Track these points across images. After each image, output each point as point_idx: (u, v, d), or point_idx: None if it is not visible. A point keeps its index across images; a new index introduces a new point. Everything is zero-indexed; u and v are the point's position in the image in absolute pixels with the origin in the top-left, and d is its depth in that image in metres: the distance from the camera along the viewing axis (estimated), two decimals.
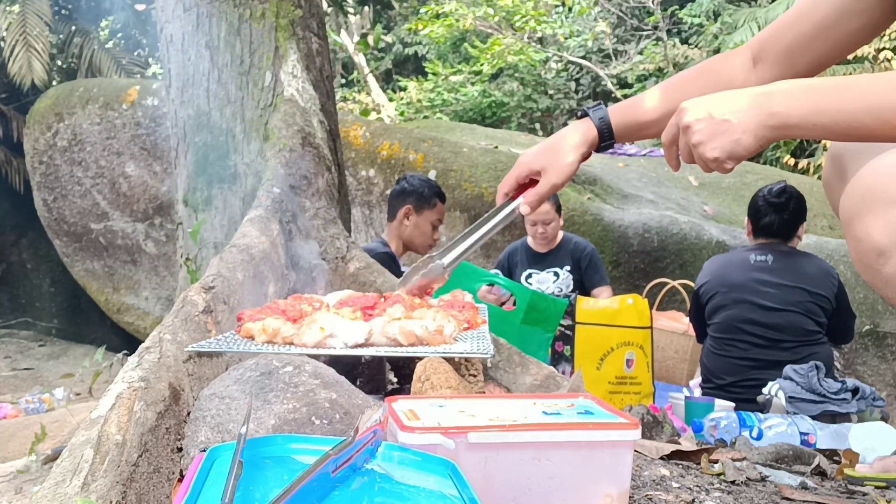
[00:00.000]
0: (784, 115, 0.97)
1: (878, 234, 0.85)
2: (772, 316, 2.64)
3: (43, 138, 5.79)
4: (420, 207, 3.03)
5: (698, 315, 2.86)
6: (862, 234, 0.87)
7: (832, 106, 0.95)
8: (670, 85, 1.34)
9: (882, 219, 0.84)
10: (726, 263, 2.81)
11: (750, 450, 1.63)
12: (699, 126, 1.01)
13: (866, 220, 0.86)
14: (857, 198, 0.89)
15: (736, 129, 0.99)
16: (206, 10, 2.39)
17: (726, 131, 0.99)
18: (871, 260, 0.86)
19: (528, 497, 0.85)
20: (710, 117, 1.01)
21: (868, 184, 0.88)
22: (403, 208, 3.04)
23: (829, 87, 0.97)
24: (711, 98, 1.03)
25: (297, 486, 0.59)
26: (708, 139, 1.01)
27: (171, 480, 0.96)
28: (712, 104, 1.02)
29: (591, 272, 3.49)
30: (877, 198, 0.86)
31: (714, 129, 1.00)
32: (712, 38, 9.83)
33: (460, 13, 10.40)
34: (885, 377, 3.99)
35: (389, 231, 3.08)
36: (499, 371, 1.64)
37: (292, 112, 2.29)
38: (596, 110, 1.33)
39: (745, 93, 1.02)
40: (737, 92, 1.03)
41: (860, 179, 0.90)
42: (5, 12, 7.20)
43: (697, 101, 1.04)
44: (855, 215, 0.88)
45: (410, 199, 3.04)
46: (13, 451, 2.17)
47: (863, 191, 0.89)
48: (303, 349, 1.22)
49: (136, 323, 5.87)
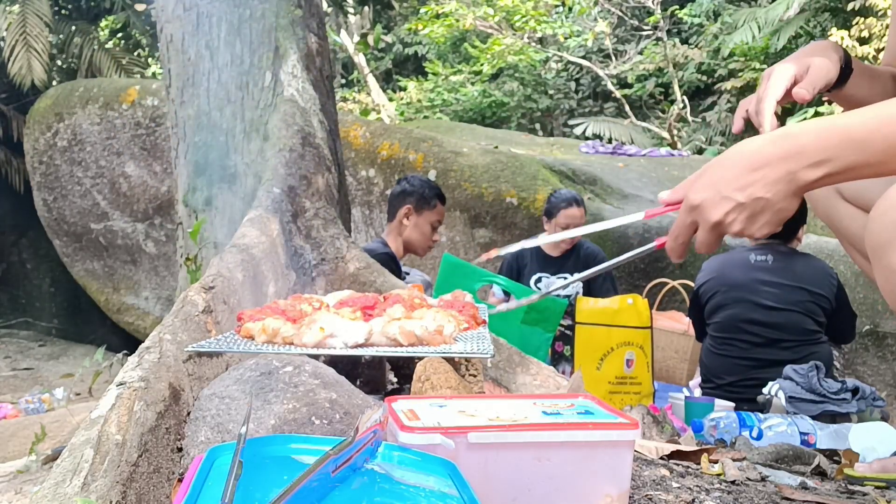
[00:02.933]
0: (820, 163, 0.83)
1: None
2: (772, 315, 2.64)
3: (43, 138, 5.79)
4: (420, 208, 3.02)
5: (698, 314, 2.86)
6: (894, 264, 0.81)
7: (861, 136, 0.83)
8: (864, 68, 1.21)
9: None
10: (726, 263, 2.81)
11: (750, 450, 1.63)
12: (733, 216, 0.88)
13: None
14: (889, 225, 0.82)
15: (770, 199, 0.86)
16: (206, 10, 2.39)
17: (763, 209, 0.86)
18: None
19: (528, 497, 0.85)
20: (738, 204, 0.87)
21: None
22: (403, 208, 3.03)
23: (858, 115, 0.84)
24: (718, 178, 0.89)
25: (297, 486, 0.59)
26: (750, 223, 0.88)
27: (171, 480, 0.96)
28: (728, 186, 0.87)
29: (607, 283, 3.44)
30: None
31: (751, 212, 0.87)
32: (712, 38, 9.83)
33: (460, 13, 10.40)
34: (885, 377, 3.99)
35: (389, 231, 3.07)
36: (499, 371, 1.64)
37: (292, 112, 2.29)
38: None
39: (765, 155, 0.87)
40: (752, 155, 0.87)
41: (888, 207, 0.83)
42: (5, 12, 7.20)
43: (706, 190, 0.90)
44: (887, 244, 0.82)
45: (411, 199, 3.03)
46: (13, 451, 2.17)
47: (892, 220, 0.82)
48: (303, 349, 1.22)
49: (136, 323, 5.87)
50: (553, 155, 5.93)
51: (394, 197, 3.10)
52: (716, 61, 9.80)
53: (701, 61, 9.88)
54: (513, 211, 4.63)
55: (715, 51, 9.78)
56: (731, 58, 9.50)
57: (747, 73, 9.10)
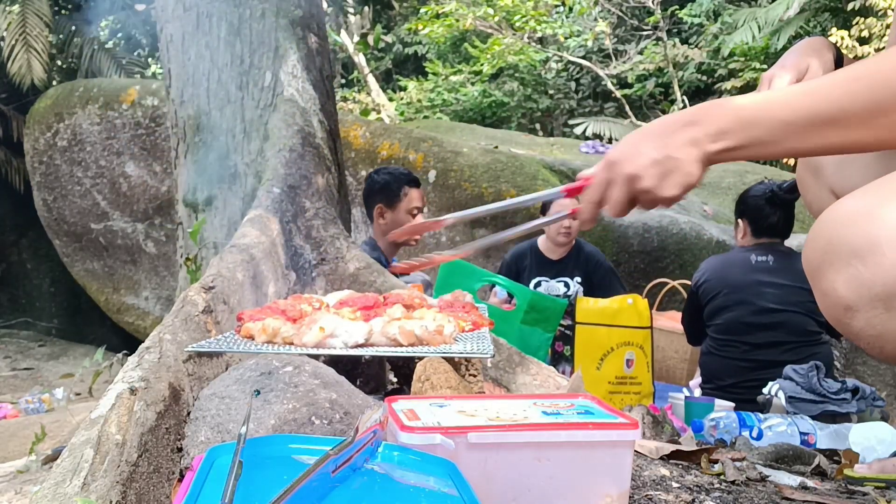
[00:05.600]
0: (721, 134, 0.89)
1: (843, 289, 0.81)
2: (773, 316, 2.63)
3: (43, 138, 5.79)
4: (391, 202, 2.92)
5: (695, 314, 2.85)
6: (828, 288, 0.83)
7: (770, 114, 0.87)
8: None
9: (845, 273, 0.81)
10: (727, 264, 2.80)
11: (750, 450, 1.63)
12: (645, 171, 0.93)
13: (829, 274, 0.82)
14: (819, 250, 0.84)
15: (684, 162, 0.91)
16: (206, 10, 2.39)
17: (675, 168, 0.91)
18: (839, 314, 0.82)
19: (528, 497, 0.85)
20: (653, 161, 0.93)
21: (828, 236, 0.84)
22: (375, 208, 2.94)
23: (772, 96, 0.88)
24: (637, 139, 0.95)
25: (297, 486, 0.59)
26: (660, 180, 0.93)
27: (171, 480, 0.96)
28: (645, 144, 0.94)
29: (616, 285, 3.40)
30: (838, 251, 0.82)
31: (663, 170, 0.92)
32: (712, 38, 9.83)
33: (460, 13, 10.39)
34: (885, 377, 3.99)
35: (374, 233, 3.00)
36: (499, 371, 1.64)
37: (292, 112, 2.29)
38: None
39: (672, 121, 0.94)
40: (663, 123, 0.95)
41: (820, 230, 0.85)
42: (5, 12, 7.20)
43: (625, 147, 0.96)
44: (818, 268, 0.84)
45: (378, 197, 2.94)
46: (13, 451, 2.17)
47: (823, 243, 0.84)
48: (303, 349, 1.22)
49: (136, 323, 5.87)
50: (553, 155, 5.93)
51: (365, 198, 3.03)
52: (716, 61, 9.80)
53: (701, 61, 9.88)
54: (513, 211, 4.63)
55: (715, 51, 9.78)
56: (731, 58, 9.50)
57: (747, 73, 9.10)
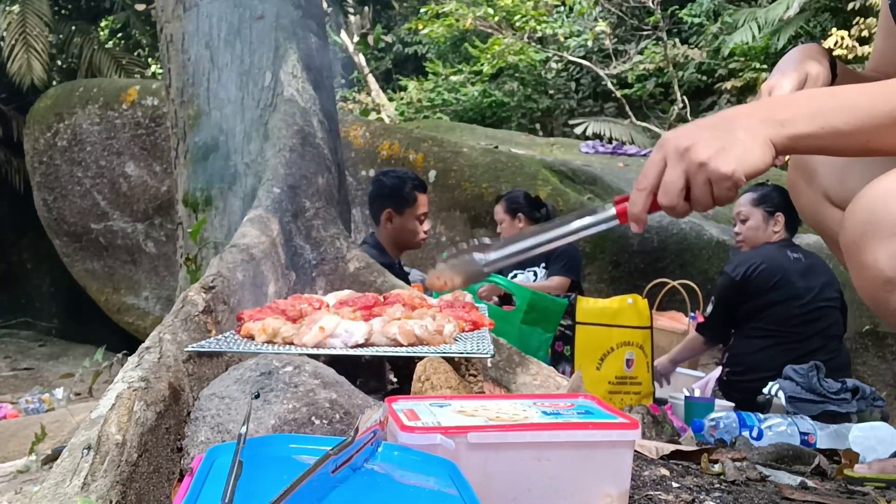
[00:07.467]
0: (791, 120, 0.86)
1: (885, 263, 0.81)
2: (815, 313, 2.70)
3: (43, 138, 5.79)
4: (400, 208, 2.91)
5: (732, 305, 2.81)
6: (868, 261, 0.83)
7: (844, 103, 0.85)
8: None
9: (889, 247, 0.81)
10: (774, 256, 2.80)
11: (750, 450, 1.63)
12: (704, 142, 0.85)
13: (870, 247, 0.83)
14: (860, 224, 0.85)
15: (746, 140, 0.85)
16: (206, 10, 2.39)
17: (735, 142, 0.85)
18: (877, 288, 0.83)
19: (528, 497, 0.85)
20: (713, 134, 0.86)
21: (871, 209, 0.84)
22: (384, 213, 2.92)
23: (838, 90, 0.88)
24: (697, 124, 0.90)
25: (297, 486, 0.59)
26: (719, 152, 0.85)
27: (171, 480, 0.96)
28: (706, 124, 0.89)
29: (556, 263, 3.40)
30: (881, 225, 0.82)
31: (723, 144, 0.85)
32: (712, 38, 9.83)
33: (460, 13, 10.39)
34: (885, 377, 3.99)
35: (379, 234, 2.98)
36: (499, 371, 1.64)
37: (292, 112, 2.29)
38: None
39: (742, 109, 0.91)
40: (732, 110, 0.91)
41: (861, 204, 0.86)
42: (5, 12, 7.20)
43: (683, 130, 0.90)
44: (857, 241, 0.85)
45: (388, 202, 2.92)
46: (13, 451, 2.17)
47: (865, 216, 0.84)
48: (303, 349, 1.22)
49: (136, 323, 5.87)
50: (553, 155, 5.93)
51: (372, 200, 3.00)
52: (716, 61, 9.80)
53: (701, 61, 9.87)
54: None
55: (715, 51, 9.77)
56: (732, 58, 9.50)
57: (747, 73, 9.10)
